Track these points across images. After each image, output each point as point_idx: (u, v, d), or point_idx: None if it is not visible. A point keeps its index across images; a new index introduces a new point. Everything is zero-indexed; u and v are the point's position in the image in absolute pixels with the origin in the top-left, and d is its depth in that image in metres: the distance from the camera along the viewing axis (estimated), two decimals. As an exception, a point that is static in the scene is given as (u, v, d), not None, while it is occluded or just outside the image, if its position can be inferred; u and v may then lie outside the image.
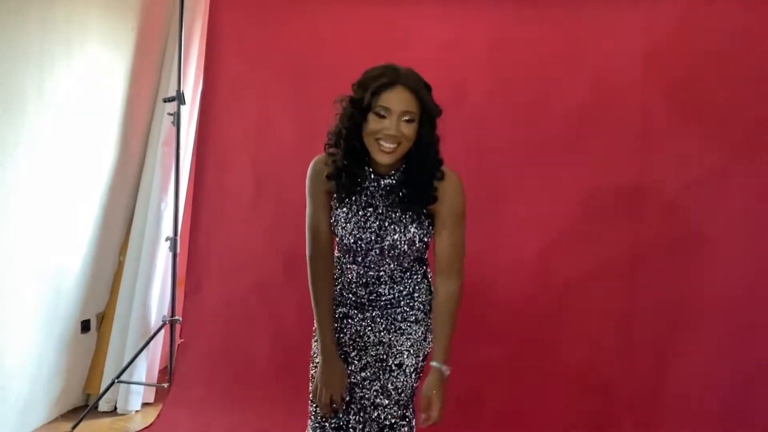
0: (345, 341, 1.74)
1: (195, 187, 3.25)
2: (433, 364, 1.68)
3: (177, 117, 3.14)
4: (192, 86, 3.36)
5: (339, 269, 1.76)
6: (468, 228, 1.70)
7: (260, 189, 3.08)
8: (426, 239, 1.68)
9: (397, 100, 1.55)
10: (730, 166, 2.47)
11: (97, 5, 3.04)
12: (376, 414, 1.71)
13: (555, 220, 2.71)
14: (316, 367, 1.76)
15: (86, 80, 3.03)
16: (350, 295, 1.74)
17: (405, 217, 1.64)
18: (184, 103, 3.15)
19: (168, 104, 3.20)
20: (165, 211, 3.29)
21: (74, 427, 2.97)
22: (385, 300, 1.72)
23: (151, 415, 3.11)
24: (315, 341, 1.78)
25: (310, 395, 1.76)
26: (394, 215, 1.64)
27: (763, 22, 2.42)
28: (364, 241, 1.65)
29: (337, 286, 1.77)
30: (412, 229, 1.64)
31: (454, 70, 2.79)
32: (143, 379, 3.25)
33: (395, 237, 1.63)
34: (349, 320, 1.74)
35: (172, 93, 3.16)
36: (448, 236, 1.67)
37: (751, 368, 2.47)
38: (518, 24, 2.73)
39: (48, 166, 2.86)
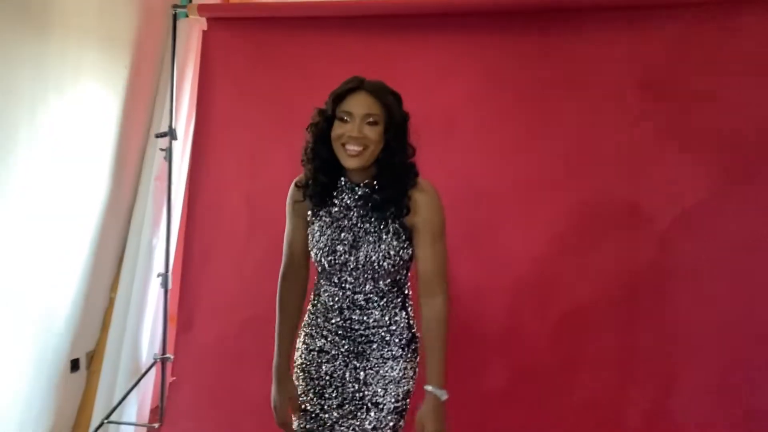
0: (321, 376, 1.72)
1: (187, 223, 3.23)
2: (427, 388, 1.66)
3: (169, 152, 3.13)
4: (185, 122, 3.36)
5: (316, 295, 1.75)
6: (463, 257, 1.69)
7: (253, 224, 3.07)
8: (402, 253, 1.64)
9: (358, 104, 1.58)
10: (724, 191, 2.47)
11: (90, 43, 3.05)
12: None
13: (549, 249, 2.69)
14: (301, 356, 1.80)
15: (79, 116, 3.03)
16: (326, 324, 1.72)
17: (380, 228, 1.62)
18: (176, 138, 3.15)
19: (160, 139, 3.20)
20: (157, 247, 3.26)
21: (62, 470, 2.90)
22: (360, 334, 1.69)
23: (142, 456, 3.05)
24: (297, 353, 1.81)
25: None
26: (369, 226, 1.63)
27: (753, 48, 2.44)
28: (338, 253, 1.63)
29: (313, 315, 1.75)
30: (387, 239, 1.62)
31: (445, 99, 2.80)
32: (134, 419, 3.18)
33: (369, 248, 1.61)
34: (326, 354, 1.72)
35: (165, 128, 3.16)
36: (427, 250, 1.64)
37: (748, 396, 2.44)
38: (508, 53, 2.75)
39: (39, 201, 2.84)
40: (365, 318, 1.69)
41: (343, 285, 1.67)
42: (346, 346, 1.70)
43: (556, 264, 2.68)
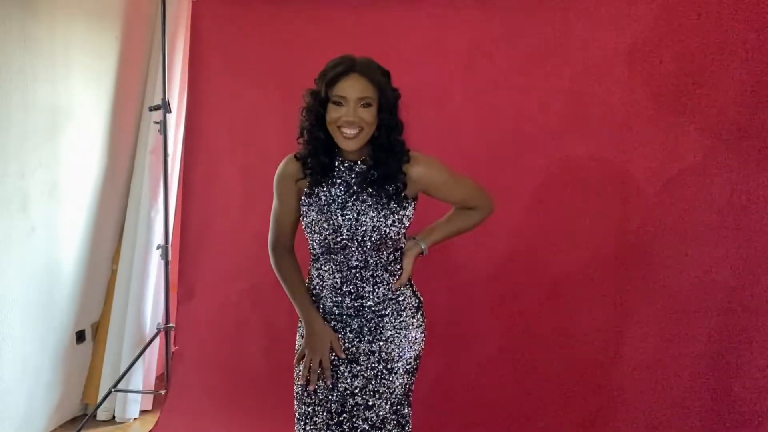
0: (334, 355, 1.75)
1: (183, 194, 3.26)
2: (417, 238, 1.80)
3: (163, 125, 3.14)
4: (177, 94, 3.37)
5: (317, 279, 1.78)
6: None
7: (249, 194, 3.09)
8: (405, 220, 1.70)
9: (352, 87, 1.60)
10: (714, 158, 2.48)
11: (79, 16, 3.04)
12: (368, 414, 1.73)
13: (540, 216, 2.71)
14: (302, 337, 1.79)
15: (71, 91, 3.04)
16: (334, 308, 1.75)
17: (381, 201, 1.67)
18: (170, 111, 3.16)
19: (154, 113, 3.20)
20: (155, 219, 3.31)
21: (73, 438, 3.00)
22: (370, 309, 1.73)
23: (150, 422, 3.14)
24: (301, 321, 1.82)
25: (295, 365, 1.79)
26: (370, 200, 1.67)
27: (746, 14, 2.43)
28: (344, 228, 1.66)
29: (316, 301, 1.78)
30: (391, 207, 1.67)
31: (436, 71, 2.79)
32: (140, 387, 3.27)
33: (374, 220, 1.65)
34: (338, 334, 1.76)
35: (158, 101, 3.16)
36: (454, 190, 1.78)
37: (737, 359, 2.49)
38: (497, 23, 2.73)
39: (37, 178, 2.87)
40: (373, 296, 1.73)
41: (349, 263, 1.70)
42: (357, 324, 1.75)
43: (547, 231, 2.70)
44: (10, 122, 2.71)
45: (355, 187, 1.69)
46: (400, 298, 1.77)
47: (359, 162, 1.70)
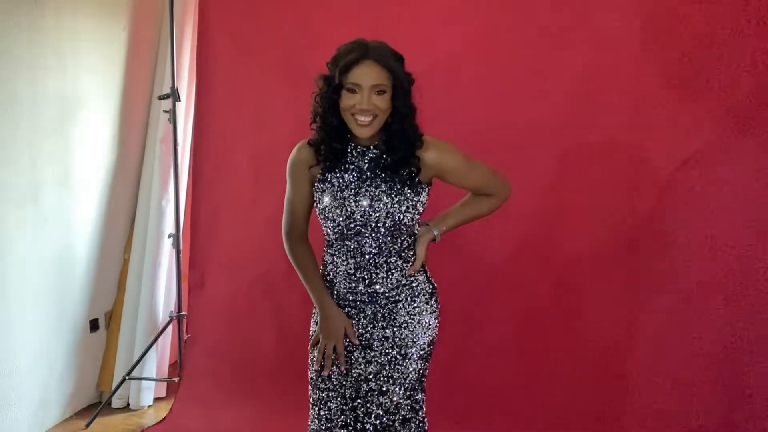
0: (348, 341, 1.76)
1: (194, 183, 3.27)
2: (431, 224, 1.80)
3: (173, 114, 3.15)
4: (186, 83, 3.37)
5: (331, 265, 1.78)
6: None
7: (259, 182, 3.10)
8: (419, 206, 1.70)
9: (366, 75, 1.59)
10: (727, 142, 2.46)
11: (87, 7, 3.04)
12: (382, 399, 1.74)
13: (552, 202, 2.70)
14: (316, 323, 1.80)
15: (80, 82, 3.04)
16: (348, 294, 1.75)
17: (395, 186, 1.67)
18: (179, 99, 3.16)
19: (163, 101, 3.21)
20: (166, 208, 3.32)
21: (88, 425, 3.03)
22: (384, 295, 1.73)
23: (164, 409, 3.17)
24: (315, 309, 1.82)
25: (310, 351, 1.80)
26: (384, 186, 1.67)
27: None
28: (357, 214, 1.66)
29: (335, 285, 1.77)
30: (404, 193, 1.67)
31: (448, 51, 2.77)
32: (154, 375, 3.30)
33: (388, 206, 1.65)
34: (352, 320, 1.76)
35: (167, 90, 3.17)
36: (469, 176, 1.78)
37: (751, 345, 2.48)
38: (511, 5, 2.71)
39: (48, 168, 2.89)
40: (388, 280, 1.73)
41: (363, 249, 1.70)
42: (371, 310, 1.75)
43: (559, 216, 2.69)
44: (20, 113, 2.72)
45: (368, 173, 1.69)
46: (414, 284, 1.76)
47: (372, 147, 1.70)
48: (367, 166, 1.69)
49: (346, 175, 1.69)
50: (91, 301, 3.21)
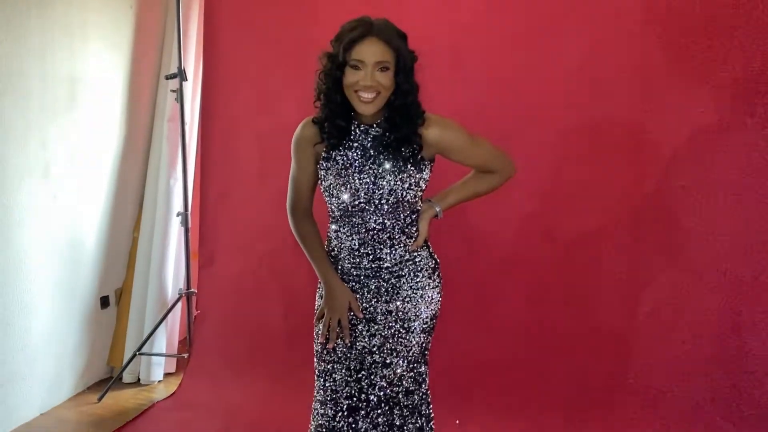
0: (353, 314, 1.80)
1: (202, 162, 3.30)
2: (433, 200, 1.83)
3: (180, 93, 3.17)
4: (194, 62, 3.39)
5: (335, 241, 1.81)
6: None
7: (266, 161, 3.12)
8: (422, 183, 1.72)
9: (369, 51, 1.60)
10: (731, 117, 2.46)
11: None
12: (385, 371, 1.77)
13: (556, 177, 2.71)
14: (321, 297, 1.83)
15: (89, 61, 3.07)
16: (353, 269, 1.78)
17: (398, 163, 1.68)
18: (186, 79, 3.18)
19: (171, 81, 3.24)
20: (174, 187, 3.35)
21: (100, 399, 3.09)
22: (387, 270, 1.76)
23: (173, 384, 3.23)
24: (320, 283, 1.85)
25: (315, 324, 1.83)
26: (387, 163, 1.69)
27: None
28: (361, 191, 1.69)
29: (339, 261, 1.80)
30: (407, 170, 1.68)
31: (451, 29, 2.77)
32: (164, 351, 3.36)
33: (391, 183, 1.67)
34: (356, 294, 1.79)
35: (174, 70, 3.19)
36: (472, 154, 1.78)
37: (753, 318, 2.50)
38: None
39: (58, 147, 2.92)
40: (390, 257, 1.76)
41: (366, 226, 1.73)
42: (375, 284, 1.78)
43: (563, 192, 2.70)
44: (30, 93, 2.75)
45: (371, 151, 1.71)
46: (417, 260, 1.79)
47: (375, 126, 1.72)
48: (370, 144, 1.71)
49: (350, 153, 1.71)
50: (101, 278, 3.27)
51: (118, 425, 2.81)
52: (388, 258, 1.76)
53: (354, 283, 1.79)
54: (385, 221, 1.72)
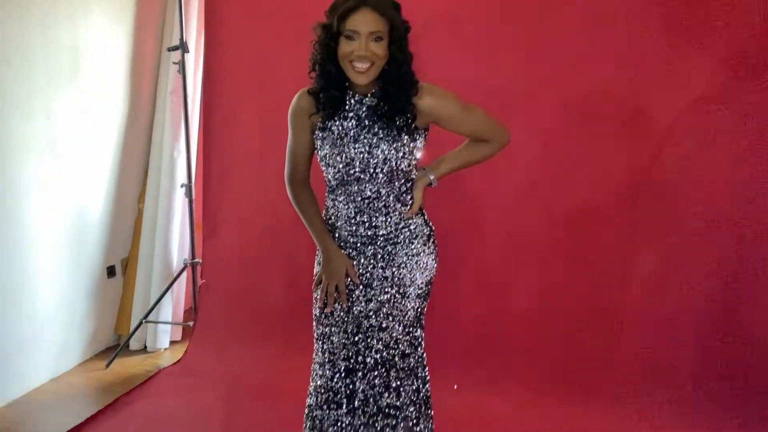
0: (350, 280, 1.84)
1: (204, 134, 3.33)
2: (427, 169, 1.86)
3: (182, 66, 3.20)
4: (195, 34, 3.40)
5: (332, 209, 1.85)
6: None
7: (268, 132, 3.15)
8: (415, 152, 1.75)
9: (363, 22, 1.62)
10: (727, 91, 2.47)
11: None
12: (382, 335, 1.83)
13: (552, 150, 2.73)
14: (319, 264, 1.88)
15: (91, 33, 3.09)
16: (349, 237, 1.83)
17: (392, 132, 1.71)
18: (188, 51, 3.20)
19: (173, 53, 3.26)
20: (178, 159, 3.40)
21: (108, 365, 3.18)
22: (383, 237, 1.81)
23: (179, 351, 3.31)
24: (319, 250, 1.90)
25: (313, 290, 1.88)
26: (381, 132, 1.72)
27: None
28: (356, 160, 1.72)
29: (336, 229, 1.84)
30: (401, 139, 1.71)
31: (446, 1, 2.78)
32: (169, 319, 3.43)
33: (385, 152, 1.70)
34: (353, 261, 1.84)
35: (176, 42, 3.21)
36: (465, 122, 1.81)
37: (744, 289, 2.54)
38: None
39: (62, 119, 2.96)
40: (385, 224, 1.80)
41: (362, 194, 1.77)
42: (371, 251, 1.83)
43: (559, 164, 2.72)
44: (33, 65, 2.79)
45: (366, 121, 1.74)
46: (412, 227, 1.83)
47: (369, 95, 1.75)
48: (365, 113, 1.74)
49: (345, 123, 1.75)
50: (107, 248, 3.33)
51: (125, 390, 2.89)
52: (384, 225, 1.80)
53: (351, 250, 1.83)
54: (380, 190, 1.76)
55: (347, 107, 1.75)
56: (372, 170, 1.73)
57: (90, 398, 2.88)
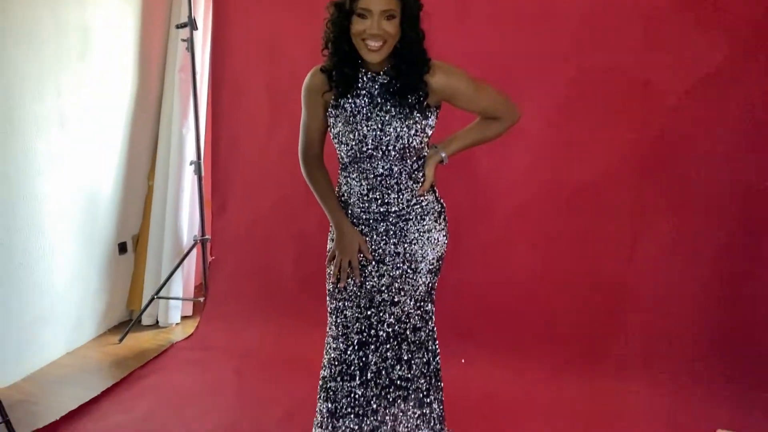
0: (363, 256, 1.87)
1: (213, 111, 3.35)
2: (439, 147, 1.88)
3: (190, 43, 3.21)
4: (203, 11, 3.40)
5: (345, 186, 1.87)
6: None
7: (275, 110, 3.17)
8: (427, 129, 1.77)
9: (375, 1, 1.63)
10: (734, 67, 2.48)
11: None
12: (394, 309, 1.87)
13: (560, 125, 2.75)
14: (333, 240, 1.91)
15: (100, 11, 3.10)
16: (362, 213, 1.85)
17: (405, 110, 1.73)
18: (196, 28, 3.21)
19: (181, 30, 3.26)
20: (187, 136, 3.42)
21: (121, 340, 3.24)
22: (395, 213, 1.83)
23: (191, 326, 3.37)
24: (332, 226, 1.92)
25: (327, 265, 1.92)
26: (393, 110, 1.74)
27: None
28: (369, 138, 1.74)
29: (349, 206, 1.87)
30: (414, 117, 1.73)
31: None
32: (180, 295, 3.49)
33: (398, 129, 1.72)
34: (365, 237, 1.87)
35: (184, 19, 3.21)
36: (477, 99, 1.82)
37: (750, 263, 2.57)
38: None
39: (72, 97, 2.98)
40: (397, 201, 1.83)
41: (375, 172, 1.79)
42: (383, 228, 1.85)
43: (567, 140, 2.74)
44: (44, 43, 2.80)
45: (378, 99, 1.75)
46: (424, 204, 1.86)
47: (382, 73, 1.76)
48: (377, 91, 1.76)
49: (358, 101, 1.77)
50: (118, 225, 3.37)
51: (139, 364, 2.95)
52: (396, 202, 1.83)
53: (364, 227, 1.86)
54: (393, 167, 1.78)
55: (360, 85, 1.77)
56: (384, 148, 1.75)
57: (105, 372, 2.95)
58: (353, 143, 1.76)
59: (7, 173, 2.68)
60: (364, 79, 1.77)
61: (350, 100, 1.77)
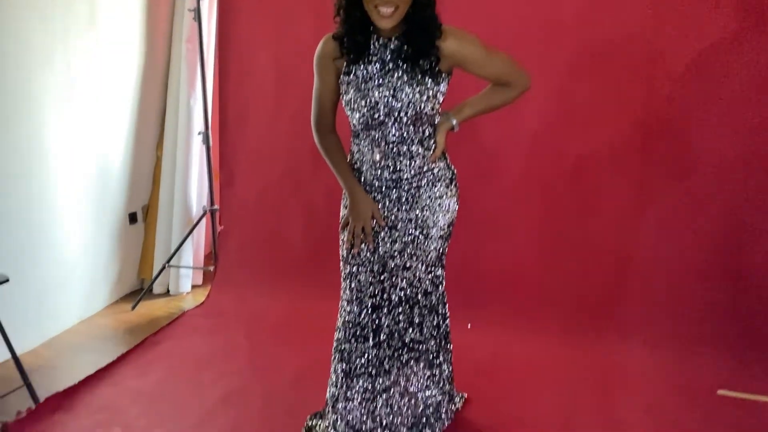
0: (375, 222, 1.90)
1: (220, 82, 3.36)
2: (450, 113, 1.91)
3: (197, 13, 3.21)
4: (209, -20, 3.40)
5: (357, 154, 1.90)
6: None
7: (283, 79, 3.18)
8: (439, 95, 1.79)
9: None
10: (741, 37, 2.48)
11: None
12: (406, 273, 1.92)
13: (567, 95, 2.77)
14: (346, 207, 1.94)
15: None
16: (374, 180, 1.88)
17: (417, 76, 1.75)
18: (203, -3, 3.21)
19: (188, 0, 3.26)
20: (195, 107, 3.43)
21: (134, 308, 3.30)
22: (407, 180, 1.86)
23: (201, 295, 3.43)
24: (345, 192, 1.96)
25: (340, 232, 1.95)
26: (405, 76, 1.75)
27: None
28: (381, 104, 1.76)
29: (362, 173, 1.90)
30: (425, 83, 1.75)
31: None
32: (190, 264, 3.54)
33: (410, 95, 1.74)
34: (378, 203, 1.90)
35: (191, -11, 3.21)
36: (489, 65, 1.84)
37: (753, 232, 2.61)
38: None
39: (81, 68, 3.00)
40: (411, 167, 1.86)
41: (387, 138, 1.81)
42: (396, 195, 1.89)
43: (573, 110, 2.77)
44: (52, 14, 2.81)
45: (390, 64, 1.77)
46: (435, 170, 1.89)
47: (394, 39, 1.77)
48: (389, 57, 1.77)
49: (370, 67, 1.78)
50: (128, 195, 3.41)
51: (152, 331, 3.01)
52: (408, 169, 1.86)
53: (376, 194, 1.90)
54: (404, 134, 1.81)
55: (371, 51, 1.78)
56: (396, 114, 1.77)
57: (118, 338, 3.01)
58: (365, 110, 1.78)
59: (18, 145, 2.71)
60: (376, 45, 1.78)
61: (362, 67, 1.79)
